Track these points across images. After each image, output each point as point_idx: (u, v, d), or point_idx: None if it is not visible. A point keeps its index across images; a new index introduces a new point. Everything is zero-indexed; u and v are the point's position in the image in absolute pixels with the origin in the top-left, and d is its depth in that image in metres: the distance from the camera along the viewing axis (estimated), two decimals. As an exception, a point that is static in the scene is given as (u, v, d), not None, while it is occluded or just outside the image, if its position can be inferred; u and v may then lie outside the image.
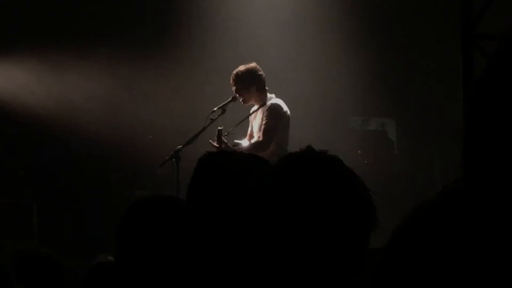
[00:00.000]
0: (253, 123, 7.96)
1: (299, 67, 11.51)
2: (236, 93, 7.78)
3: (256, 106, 7.91)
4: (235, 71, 7.80)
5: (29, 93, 11.25)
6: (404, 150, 12.61)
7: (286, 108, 7.79)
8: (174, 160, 7.76)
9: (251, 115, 7.90)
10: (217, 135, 7.58)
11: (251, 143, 7.78)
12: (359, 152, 12.15)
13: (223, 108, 7.83)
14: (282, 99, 7.92)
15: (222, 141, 7.55)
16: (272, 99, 7.83)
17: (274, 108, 7.73)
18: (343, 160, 1.86)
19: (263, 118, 7.72)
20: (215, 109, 7.86)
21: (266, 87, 7.85)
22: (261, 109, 7.81)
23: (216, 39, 11.54)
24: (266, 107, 7.75)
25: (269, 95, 7.85)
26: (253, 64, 7.85)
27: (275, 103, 7.77)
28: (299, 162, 1.82)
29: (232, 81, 7.79)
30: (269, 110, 7.71)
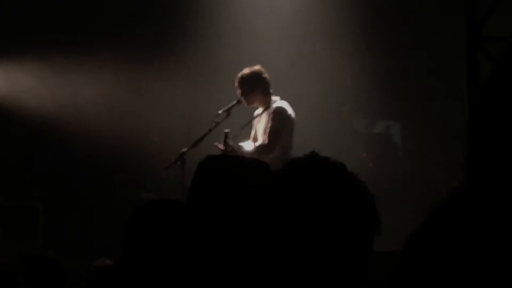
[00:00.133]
0: (257, 126, 7.96)
1: (303, 69, 11.51)
2: (241, 96, 7.77)
3: (260, 109, 7.91)
4: (240, 74, 7.80)
5: (34, 95, 11.26)
6: (409, 153, 12.60)
7: (291, 111, 7.78)
8: (179, 163, 7.76)
9: (258, 118, 7.90)
10: (224, 138, 7.59)
11: (256, 146, 7.78)
12: (363, 155, 12.14)
13: (228, 111, 7.83)
14: (286, 101, 7.92)
15: (228, 144, 7.55)
16: (277, 101, 7.82)
17: (280, 111, 7.72)
18: (347, 163, 1.87)
19: (268, 121, 7.72)
20: (220, 112, 7.86)
21: (271, 90, 7.85)
22: (265, 112, 7.81)
23: (221, 41, 11.55)
24: (271, 109, 7.74)
25: (273, 97, 7.85)
26: (257, 67, 7.84)
27: (281, 106, 7.76)
28: (303, 168, 1.83)
29: (237, 84, 7.78)
30: (274, 113, 7.71)
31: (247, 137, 7.97)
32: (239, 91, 7.79)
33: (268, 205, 1.79)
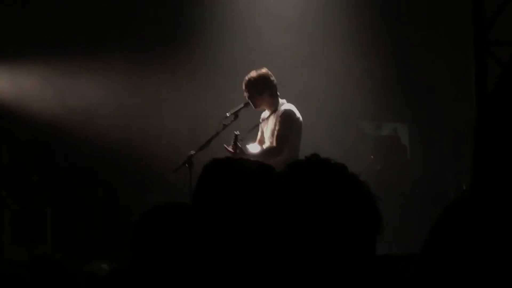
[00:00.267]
0: (263, 129, 7.96)
1: (311, 71, 11.50)
2: (249, 99, 7.77)
3: (267, 112, 7.91)
4: (247, 77, 7.80)
5: (42, 98, 11.29)
6: (417, 155, 12.58)
7: (298, 114, 7.78)
8: (187, 165, 7.77)
9: (265, 121, 7.89)
10: (233, 140, 7.59)
11: (264, 148, 7.78)
12: (371, 157, 12.13)
13: (236, 114, 7.83)
14: (293, 103, 7.92)
15: (238, 146, 7.57)
16: (284, 104, 7.82)
17: (288, 114, 7.72)
18: (355, 165, 1.87)
19: (276, 124, 7.71)
20: (228, 114, 7.86)
21: (278, 93, 7.85)
22: (273, 115, 7.80)
23: (227, 44, 11.55)
24: (279, 112, 7.74)
25: (280, 100, 7.85)
26: (264, 70, 7.84)
27: (289, 109, 7.76)
28: (305, 170, 1.83)
29: (244, 87, 7.78)
30: (282, 116, 7.70)
31: (253, 140, 7.97)
32: (246, 94, 7.79)
33: (270, 207, 1.80)
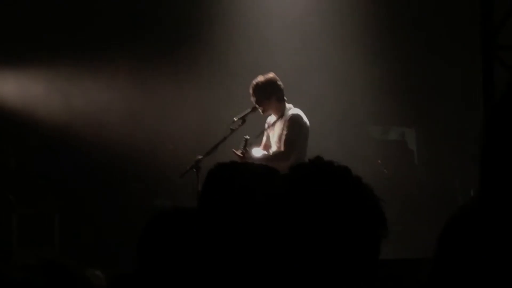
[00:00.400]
0: (269, 133, 7.97)
1: (318, 75, 11.49)
2: (256, 103, 7.78)
3: (273, 116, 7.92)
4: (254, 81, 7.80)
5: (49, 103, 11.30)
6: (424, 160, 12.56)
7: (306, 119, 7.79)
8: (194, 170, 7.78)
9: (272, 126, 7.89)
10: (243, 145, 7.61)
11: (272, 153, 7.79)
12: (378, 161, 12.11)
13: (243, 118, 7.84)
14: (300, 107, 7.92)
15: (247, 150, 7.59)
16: (292, 109, 7.82)
17: (296, 119, 7.73)
18: (362, 169, 1.88)
19: (283, 129, 7.72)
20: (235, 119, 7.87)
21: (285, 97, 7.86)
22: (280, 120, 7.80)
23: (234, 48, 11.54)
24: (287, 117, 7.74)
25: (287, 105, 7.85)
26: (271, 74, 7.85)
27: (296, 114, 7.76)
28: (309, 172, 1.84)
29: (251, 91, 7.78)
30: (290, 121, 7.71)
31: (257, 144, 7.97)
32: (253, 98, 7.79)
33: (274, 210, 1.81)
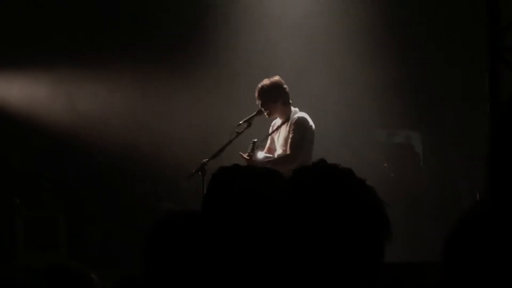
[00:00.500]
0: (274, 137, 7.96)
1: (323, 78, 11.48)
2: (262, 107, 7.77)
3: (279, 120, 7.92)
4: (260, 84, 7.80)
5: (54, 105, 11.32)
6: (430, 163, 12.54)
7: (311, 122, 7.78)
8: (200, 173, 7.77)
9: (278, 129, 7.89)
10: (251, 148, 7.61)
11: (278, 156, 7.79)
12: (385, 165, 12.10)
13: (249, 122, 7.83)
14: (306, 111, 7.91)
15: (255, 153, 7.59)
16: (297, 112, 7.82)
17: (302, 122, 7.72)
18: (368, 173, 1.88)
19: (289, 132, 7.72)
20: (241, 122, 7.86)
21: (290, 101, 7.86)
22: (285, 123, 7.80)
23: (239, 51, 11.54)
24: (293, 120, 7.74)
25: (293, 108, 7.85)
26: (277, 78, 7.85)
27: (302, 117, 7.76)
28: (312, 175, 1.84)
29: (257, 94, 7.78)
30: (296, 124, 7.71)
31: (261, 148, 7.97)
32: (259, 101, 7.78)
33: (277, 212, 1.81)
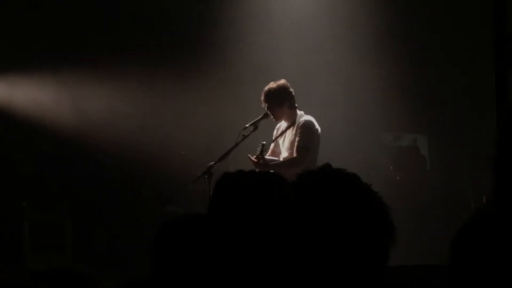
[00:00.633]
0: (279, 140, 7.97)
1: (329, 81, 11.48)
2: (268, 110, 7.78)
3: (284, 123, 7.92)
4: (267, 88, 7.81)
5: (62, 109, 11.35)
6: (437, 166, 12.53)
7: (318, 126, 7.79)
8: (206, 176, 7.78)
9: (284, 132, 7.89)
10: (260, 150, 7.63)
11: (284, 159, 7.79)
12: (391, 168, 12.10)
13: (255, 125, 7.84)
14: (311, 114, 7.92)
15: (263, 156, 7.62)
16: (303, 116, 7.83)
17: (308, 125, 7.73)
18: (374, 176, 1.88)
19: (296, 135, 7.72)
20: (247, 125, 7.87)
21: (296, 104, 7.86)
22: (291, 126, 7.81)
23: (245, 54, 11.55)
24: (299, 124, 7.75)
25: (298, 112, 7.86)
26: (283, 81, 7.86)
27: (309, 120, 7.77)
28: (317, 180, 1.84)
29: (263, 97, 7.79)
30: (302, 127, 7.71)
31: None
32: (265, 105, 7.79)
33: (282, 216, 1.81)
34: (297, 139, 7.70)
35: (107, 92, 11.43)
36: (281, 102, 7.76)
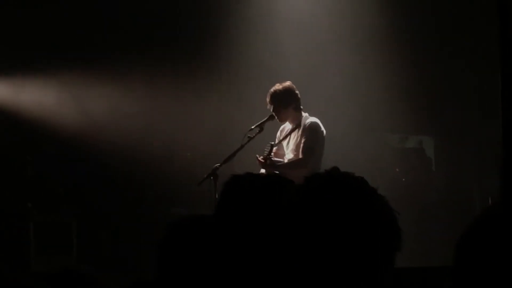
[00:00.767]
0: (282, 142, 7.97)
1: (334, 82, 11.47)
2: (273, 111, 7.78)
3: (288, 124, 7.92)
4: (272, 89, 7.81)
5: (67, 111, 11.35)
6: (442, 168, 12.52)
7: (323, 128, 7.80)
8: (211, 178, 7.78)
9: (289, 134, 7.89)
10: (268, 151, 7.65)
11: (289, 160, 7.79)
12: (397, 169, 12.09)
13: (261, 127, 7.84)
14: (317, 116, 7.92)
15: (271, 157, 7.63)
16: (308, 117, 7.83)
17: (314, 127, 7.74)
18: (380, 177, 1.88)
19: (301, 137, 7.73)
20: (252, 127, 7.87)
21: (301, 106, 7.87)
22: (296, 128, 7.81)
23: (250, 56, 11.55)
24: (305, 125, 7.75)
25: (303, 114, 7.86)
26: (289, 83, 7.86)
27: (315, 122, 7.77)
28: (324, 183, 1.84)
29: (269, 99, 7.79)
30: (308, 129, 7.72)
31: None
32: (271, 106, 7.79)
33: (289, 219, 1.81)
34: (303, 140, 7.70)
35: (112, 93, 11.44)
36: (286, 104, 7.76)
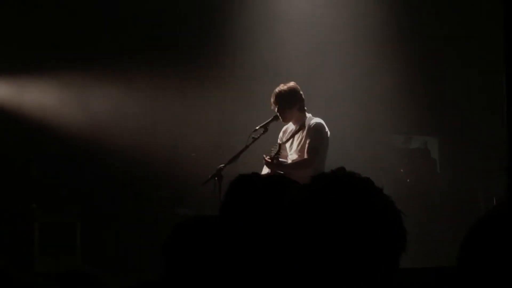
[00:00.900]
0: (286, 143, 7.97)
1: (340, 83, 11.48)
2: (278, 112, 7.78)
3: (291, 125, 7.93)
4: (277, 89, 7.81)
5: (71, 111, 11.37)
6: (447, 169, 12.52)
7: (327, 128, 7.80)
8: (216, 178, 7.78)
9: (293, 135, 7.89)
10: (276, 151, 7.66)
11: (294, 161, 7.80)
12: (401, 170, 12.08)
13: (265, 127, 7.84)
14: (321, 116, 7.92)
15: (278, 157, 7.65)
16: (312, 118, 7.83)
17: (318, 127, 7.74)
18: (385, 178, 1.88)
19: (306, 137, 7.73)
20: (257, 128, 7.87)
21: (305, 107, 7.87)
22: (301, 129, 7.81)
23: (255, 56, 11.56)
24: (310, 126, 7.75)
25: (307, 114, 7.86)
26: (293, 83, 7.86)
27: (320, 123, 7.77)
28: (330, 183, 1.84)
29: (273, 99, 7.79)
30: (313, 129, 7.72)
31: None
32: (275, 107, 7.79)
33: (295, 218, 1.81)
34: (307, 141, 7.71)
35: (117, 94, 11.46)
36: (291, 104, 7.76)
